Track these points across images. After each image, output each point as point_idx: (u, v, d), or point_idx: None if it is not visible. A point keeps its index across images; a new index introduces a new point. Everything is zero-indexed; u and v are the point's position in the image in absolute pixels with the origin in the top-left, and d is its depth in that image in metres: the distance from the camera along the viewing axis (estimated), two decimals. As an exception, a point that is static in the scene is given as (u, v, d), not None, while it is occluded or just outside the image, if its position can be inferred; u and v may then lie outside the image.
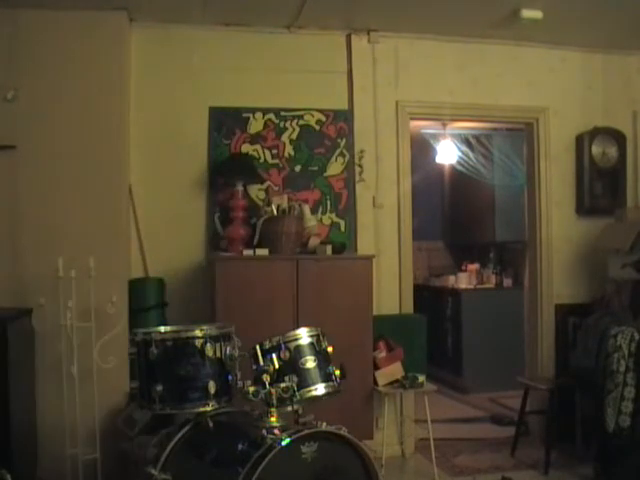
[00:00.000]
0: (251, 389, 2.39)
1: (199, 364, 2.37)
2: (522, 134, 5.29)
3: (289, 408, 2.46)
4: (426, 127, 6.56)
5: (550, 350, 4.88)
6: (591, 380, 3.99)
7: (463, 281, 7.03)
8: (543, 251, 4.90)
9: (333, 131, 4.56)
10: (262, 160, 4.44)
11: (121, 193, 4.12)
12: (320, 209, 4.50)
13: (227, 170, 4.25)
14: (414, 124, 5.08)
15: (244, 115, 4.44)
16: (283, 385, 2.39)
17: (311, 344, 2.51)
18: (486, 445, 4.80)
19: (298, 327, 2.65)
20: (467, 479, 4.13)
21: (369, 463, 2.36)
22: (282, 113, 4.48)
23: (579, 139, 4.96)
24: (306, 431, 2.28)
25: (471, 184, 7.09)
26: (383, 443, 4.15)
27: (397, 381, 4.22)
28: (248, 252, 4.02)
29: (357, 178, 4.58)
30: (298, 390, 2.42)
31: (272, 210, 4.19)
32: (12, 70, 3.94)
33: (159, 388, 2.33)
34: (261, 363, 2.44)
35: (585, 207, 4.93)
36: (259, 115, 4.46)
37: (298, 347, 2.49)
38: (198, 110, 4.36)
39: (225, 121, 4.41)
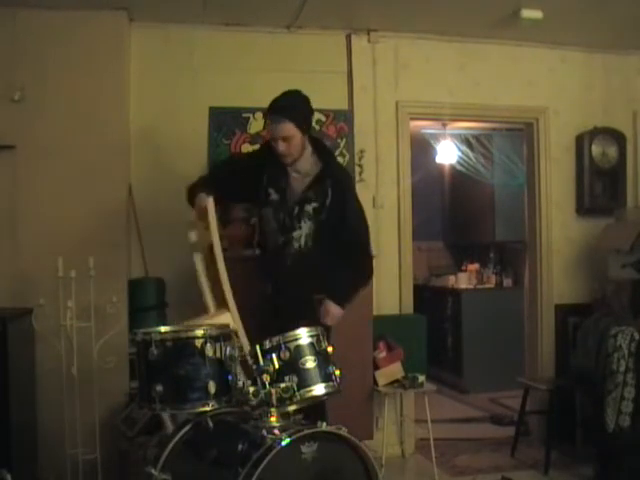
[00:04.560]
0: (251, 389, 2.39)
1: (199, 364, 2.36)
2: (522, 134, 5.29)
3: (289, 408, 2.46)
4: (426, 127, 6.56)
5: (550, 350, 4.89)
6: (591, 380, 3.99)
7: (463, 281, 7.04)
8: (543, 251, 4.91)
9: (333, 131, 4.56)
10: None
11: (121, 193, 4.12)
12: (320, 209, 4.49)
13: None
14: (414, 124, 5.09)
15: (244, 115, 4.44)
16: (283, 385, 2.39)
17: (311, 344, 2.51)
18: (486, 445, 4.81)
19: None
20: (467, 479, 4.13)
21: (369, 463, 2.36)
22: (282, 113, 4.48)
23: (579, 139, 4.96)
24: (306, 431, 2.28)
25: (471, 184, 7.10)
26: (383, 443, 4.15)
27: (397, 381, 4.22)
28: (248, 252, 4.02)
29: (357, 178, 4.58)
30: (298, 390, 2.42)
31: (272, 210, 4.18)
32: (12, 70, 3.94)
33: (159, 388, 2.33)
34: (261, 363, 2.44)
35: (585, 207, 4.93)
36: (259, 115, 4.45)
37: (298, 347, 2.48)
38: (198, 110, 4.36)
39: (225, 121, 4.41)
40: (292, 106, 3.08)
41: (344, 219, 3.16)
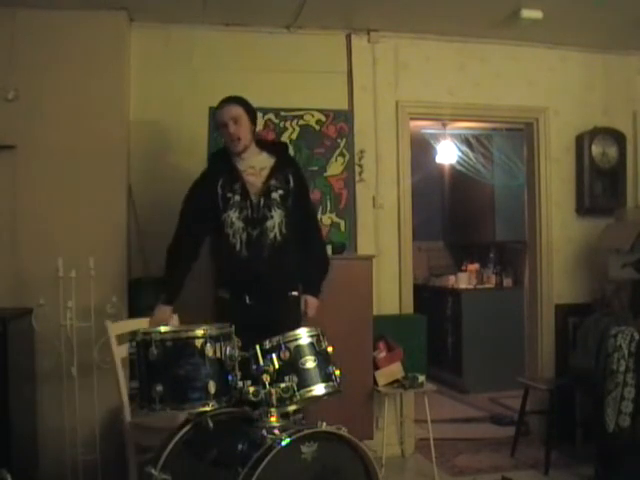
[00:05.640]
0: (251, 389, 2.39)
1: (199, 364, 2.36)
2: (522, 134, 5.29)
3: (289, 408, 2.46)
4: (426, 127, 6.56)
5: (550, 350, 4.89)
6: (591, 380, 3.99)
7: (463, 281, 7.03)
8: (543, 251, 4.91)
9: (333, 131, 4.55)
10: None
11: (121, 193, 4.12)
12: (320, 209, 4.49)
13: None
14: (414, 124, 5.08)
15: (244, 115, 4.43)
16: (283, 385, 2.39)
17: (311, 344, 2.51)
18: (486, 445, 4.80)
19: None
20: (467, 479, 4.13)
21: (369, 463, 2.36)
22: (282, 113, 4.47)
23: (579, 139, 4.96)
24: (306, 431, 2.28)
25: (471, 184, 7.09)
26: (383, 443, 4.15)
27: (397, 381, 4.22)
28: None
29: (357, 178, 4.58)
30: (298, 390, 2.42)
31: (272, 210, 4.18)
32: (12, 70, 3.94)
33: (159, 388, 2.33)
34: (261, 363, 2.44)
35: (585, 207, 4.93)
36: (259, 115, 4.44)
37: (298, 347, 2.49)
38: (198, 110, 4.34)
39: (225, 121, 4.40)
40: (238, 97, 3.31)
41: (306, 207, 3.36)
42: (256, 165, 3.27)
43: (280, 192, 3.22)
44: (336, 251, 4.15)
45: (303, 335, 2.52)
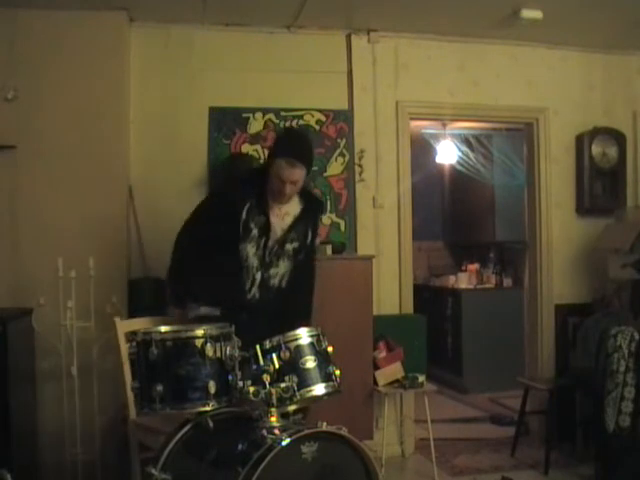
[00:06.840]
0: (251, 389, 2.39)
1: (199, 364, 2.36)
2: (522, 134, 5.29)
3: (289, 408, 2.46)
4: (426, 127, 6.56)
5: (550, 350, 4.89)
6: (591, 380, 3.99)
7: (463, 281, 7.03)
8: (543, 251, 4.91)
9: (333, 131, 4.56)
10: (262, 160, 4.43)
11: (121, 193, 4.12)
12: (320, 209, 4.49)
13: (227, 170, 4.25)
14: (414, 124, 5.09)
15: (244, 115, 4.44)
16: (283, 385, 2.39)
17: (311, 344, 2.51)
18: (486, 445, 4.81)
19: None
20: (467, 479, 4.13)
21: (369, 463, 2.36)
22: (282, 113, 4.48)
23: (579, 139, 4.96)
24: (306, 431, 2.28)
25: (471, 184, 7.10)
26: (383, 443, 4.15)
27: (397, 381, 4.23)
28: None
29: (357, 178, 4.58)
30: (298, 390, 2.42)
31: (272, 210, 4.17)
32: (12, 70, 3.94)
33: (159, 388, 2.32)
34: (261, 363, 2.44)
35: (585, 207, 4.93)
36: (259, 115, 4.45)
37: (298, 347, 2.48)
38: (198, 110, 4.36)
39: (225, 121, 4.41)
40: (308, 153, 3.04)
41: (309, 265, 3.23)
42: (282, 208, 3.09)
43: (295, 245, 3.08)
44: (336, 251, 4.15)
45: (303, 335, 2.52)
